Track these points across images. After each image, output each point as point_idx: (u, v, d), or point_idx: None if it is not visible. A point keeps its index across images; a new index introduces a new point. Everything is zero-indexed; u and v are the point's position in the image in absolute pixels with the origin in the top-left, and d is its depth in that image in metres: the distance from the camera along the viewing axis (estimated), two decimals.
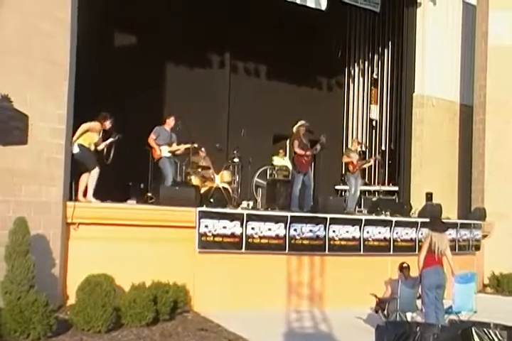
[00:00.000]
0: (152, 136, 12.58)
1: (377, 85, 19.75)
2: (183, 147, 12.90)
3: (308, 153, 13.42)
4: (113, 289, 8.94)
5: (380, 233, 12.85)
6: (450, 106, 18.06)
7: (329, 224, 12.11)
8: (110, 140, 11.21)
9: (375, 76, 19.83)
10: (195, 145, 13.08)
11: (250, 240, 11.28)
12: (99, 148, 11.03)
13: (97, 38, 13.74)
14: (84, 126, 10.67)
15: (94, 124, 10.80)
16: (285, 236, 11.61)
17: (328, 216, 12.21)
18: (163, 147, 12.59)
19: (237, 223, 11.18)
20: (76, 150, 10.39)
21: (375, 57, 19.81)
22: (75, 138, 10.45)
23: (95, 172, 10.63)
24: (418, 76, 17.67)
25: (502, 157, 16.19)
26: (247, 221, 11.26)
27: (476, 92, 17.08)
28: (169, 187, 11.89)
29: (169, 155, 12.70)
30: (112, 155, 11.15)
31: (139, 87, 14.54)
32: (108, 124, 11.03)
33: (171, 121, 12.77)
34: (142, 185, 13.12)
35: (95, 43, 13.47)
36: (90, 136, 10.73)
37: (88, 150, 10.64)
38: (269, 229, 11.48)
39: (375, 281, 11.26)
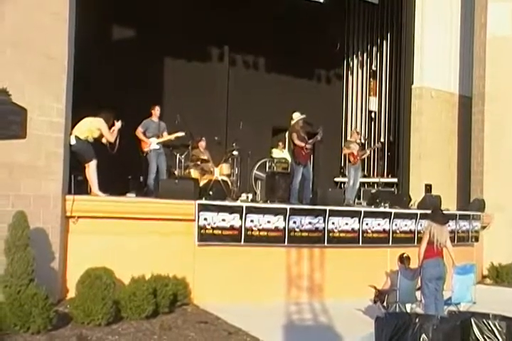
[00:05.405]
0: (140, 129, 12.65)
1: (376, 77, 19.73)
2: (173, 136, 13.00)
3: (308, 146, 13.42)
4: (113, 282, 8.96)
5: (379, 225, 12.85)
6: (449, 98, 18.03)
7: (328, 216, 12.11)
8: (118, 126, 11.19)
9: (373, 68, 19.81)
10: (184, 134, 13.17)
11: (249, 233, 11.27)
12: (112, 140, 11.03)
13: (96, 31, 13.72)
14: (97, 125, 10.78)
15: (104, 124, 10.90)
16: (284, 228, 11.61)
17: (328, 208, 12.20)
18: (152, 139, 12.66)
19: (237, 216, 11.17)
20: (73, 141, 10.39)
21: (374, 49, 19.78)
22: (80, 131, 10.52)
23: (93, 164, 10.65)
24: (417, 67, 17.64)
25: (501, 148, 16.15)
26: (246, 213, 11.25)
27: (475, 83, 17.03)
28: (168, 180, 11.89)
29: (158, 147, 12.73)
30: (117, 144, 11.13)
31: (138, 80, 14.53)
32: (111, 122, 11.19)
33: (156, 111, 12.83)
34: (142, 178, 13.13)
35: (94, 37, 13.46)
36: (93, 131, 10.77)
37: (86, 142, 10.65)
38: (269, 222, 11.47)
39: (375, 273, 11.29)
